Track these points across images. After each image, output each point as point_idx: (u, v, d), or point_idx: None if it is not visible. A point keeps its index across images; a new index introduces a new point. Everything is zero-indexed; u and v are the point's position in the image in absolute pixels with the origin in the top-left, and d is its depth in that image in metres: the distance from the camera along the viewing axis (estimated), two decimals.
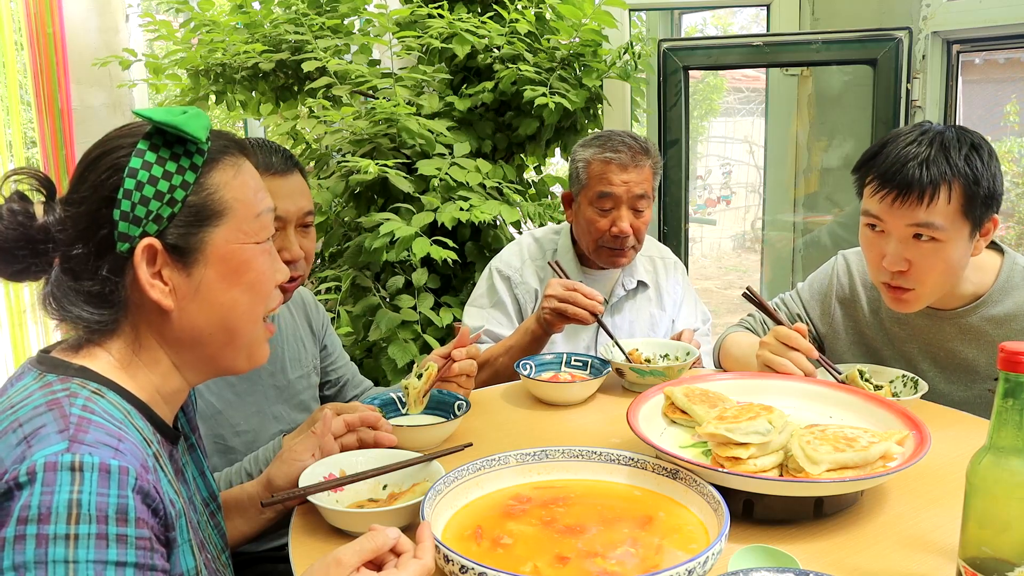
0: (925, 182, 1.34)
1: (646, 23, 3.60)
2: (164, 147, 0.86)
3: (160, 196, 0.85)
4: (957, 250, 1.40)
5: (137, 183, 0.84)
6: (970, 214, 1.37)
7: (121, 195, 0.84)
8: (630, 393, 1.61)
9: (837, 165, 3.01)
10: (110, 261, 0.85)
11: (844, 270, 1.70)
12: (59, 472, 0.73)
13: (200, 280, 0.89)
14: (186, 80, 3.14)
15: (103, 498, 0.74)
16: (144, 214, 0.85)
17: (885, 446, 1.09)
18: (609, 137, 1.89)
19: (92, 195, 0.85)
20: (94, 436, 0.77)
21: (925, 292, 1.44)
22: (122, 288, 0.86)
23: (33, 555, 0.71)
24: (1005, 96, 4.01)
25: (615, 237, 1.87)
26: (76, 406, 0.79)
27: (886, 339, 1.63)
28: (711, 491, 1.01)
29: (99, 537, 0.73)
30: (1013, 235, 4.27)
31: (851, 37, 2.56)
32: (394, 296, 2.61)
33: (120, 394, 0.85)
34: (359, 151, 2.69)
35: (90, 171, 0.86)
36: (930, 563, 0.98)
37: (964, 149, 1.36)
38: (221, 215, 0.89)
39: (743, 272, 7.94)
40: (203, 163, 0.89)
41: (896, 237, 1.41)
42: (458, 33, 2.73)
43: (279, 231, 1.41)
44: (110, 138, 0.89)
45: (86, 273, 0.85)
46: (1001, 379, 0.79)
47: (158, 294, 0.87)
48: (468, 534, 0.99)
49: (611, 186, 1.84)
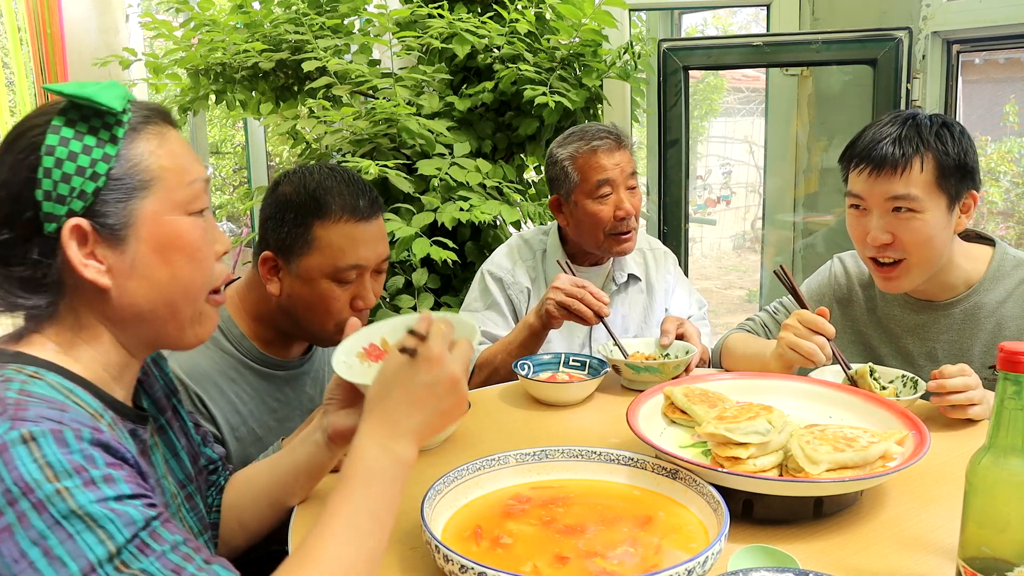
0: (898, 156, 1.43)
1: (646, 23, 3.61)
2: (81, 121, 0.84)
3: (82, 171, 0.83)
4: (937, 221, 1.45)
5: (56, 160, 0.82)
6: (944, 185, 1.44)
7: (41, 174, 0.82)
8: (629, 393, 1.61)
9: (837, 165, 3.01)
10: (39, 244, 0.83)
11: (841, 271, 1.74)
12: (13, 448, 0.72)
13: (134, 256, 0.86)
14: (186, 80, 3.14)
15: (67, 455, 0.73)
16: (67, 191, 0.82)
17: (885, 446, 1.09)
18: (584, 130, 1.91)
19: (12, 178, 0.82)
20: (35, 412, 0.75)
21: (912, 265, 1.48)
22: (55, 271, 0.84)
23: (42, 522, 0.71)
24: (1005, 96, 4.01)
25: (621, 220, 1.87)
26: (12, 390, 0.78)
27: (883, 336, 1.64)
28: (711, 491, 1.01)
29: (86, 483, 0.73)
30: (1013, 235, 4.27)
31: (851, 37, 2.57)
32: (394, 296, 2.61)
33: (60, 374, 0.83)
34: (359, 151, 2.69)
35: (7, 154, 0.84)
36: (930, 563, 0.98)
37: (935, 127, 1.45)
38: (147, 185, 0.86)
39: (743, 272, 7.94)
40: (124, 134, 0.86)
41: (877, 212, 1.47)
42: (458, 33, 2.73)
43: (357, 278, 1.37)
44: (25, 119, 0.86)
45: (15, 259, 0.83)
46: (1001, 379, 0.79)
47: (93, 273, 0.84)
48: (468, 534, 0.99)
49: (606, 171, 1.86)
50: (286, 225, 1.35)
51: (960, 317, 1.55)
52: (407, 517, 1.10)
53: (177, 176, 0.89)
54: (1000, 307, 1.53)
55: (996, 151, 4.30)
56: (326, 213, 1.34)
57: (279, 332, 1.45)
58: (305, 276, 1.36)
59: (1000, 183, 4.29)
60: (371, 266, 1.39)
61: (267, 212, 1.39)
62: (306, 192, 1.35)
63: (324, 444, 1.10)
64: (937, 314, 1.57)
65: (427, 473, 1.21)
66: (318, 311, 1.37)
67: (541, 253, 2.02)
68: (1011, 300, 1.52)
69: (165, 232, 0.88)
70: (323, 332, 1.40)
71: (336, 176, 1.38)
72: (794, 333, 1.47)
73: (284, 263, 1.37)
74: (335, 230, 1.34)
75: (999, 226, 4.29)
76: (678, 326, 1.73)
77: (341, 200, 1.35)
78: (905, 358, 1.62)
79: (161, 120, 0.90)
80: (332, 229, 1.34)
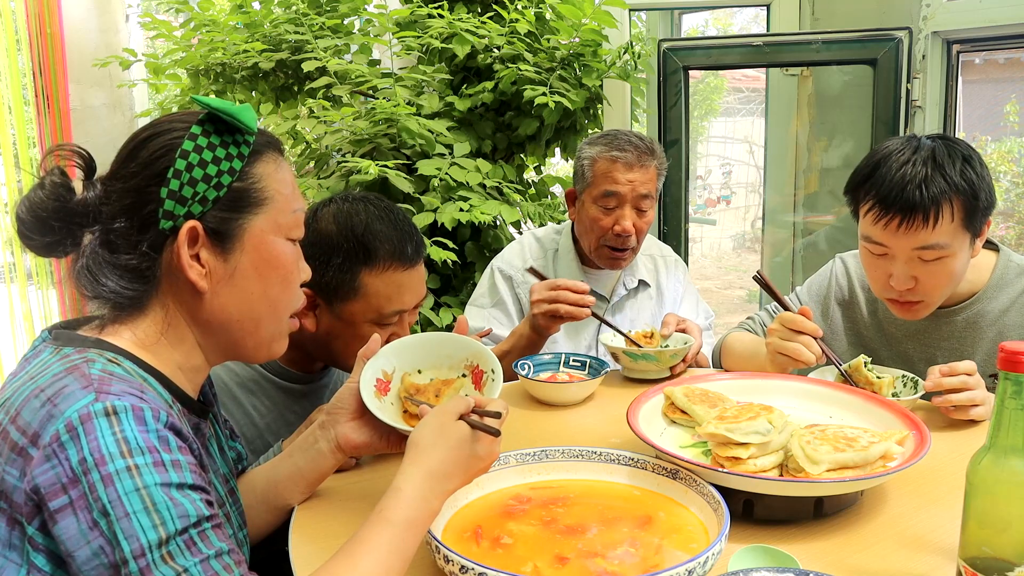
0: (928, 204, 1.34)
1: (646, 23, 3.60)
2: (216, 133, 0.90)
3: (208, 179, 0.89)
4: (960, 260, 1.42)
5: (188, 164, 0.88)
6: (971, 226, 1.39)
7: (171, 174, 0.87)
8: (629, 393, 1.61)
9: (837, 165, 3.01)
10: (151, 237, 0.88)
11: (842, 272, 1.72)
12: (96, 420, 0.76)
13: (236, 266, 0.92)
14: (186, 80, 3.14)
15: (144, 433, 0.77)
16: (191, 195, 0.88)
17: (885, 446, 1.09)
18: (616, 136, 1.89)
19: (142, 171, 0.88)
20: (118, 387, 0.80)
21: (933, 301, 1.47)
22: (158, 265, 0.89)
23: (106, 495, 0.74)
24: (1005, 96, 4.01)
25: (617, 236, 1.86)
26: (95, 368, 0.82)
27: (884, 340, 1.63)
28: (711, 491, 1.01)
29: (156, 464, 0.77)
30: (1013, 235, 4.27)
31: (851, 37, 2.56)
32: None
33: (137, 363, 0.88)
34: (359, 151, 2.69)
35: (141, 149, 0.89)
36: (930, 563, 0.98)
37: (958, 163, 1.37)
38: (261, 204, 0.93)
39: (743, 272, 7.93)
40: (249, 153, 0.92)
41: (902, 259, 1.41)
42: (458, 33, 2.72)
43: (398, 321, 1.37)
44: (163, 120, 0.93)
45: (125, 247, 0.88)
46: (1001, 379, 0.79)
47: (195, 275, 0.90)
48: (468, 534, 0.99)
49: (616, 184, 1.84)
50: (331, 269, 1.33)
51: (962, 324, 1.54)
52: None
53: (286, 202, 0.96)
54: (1003, 316, 1.51)
55: (996, 151, 4.30)
56: (374, 261, 1.32)
57: (304, 352, 1.44)
58: (348, 319, 1.35)
59: (1000, 183, 4.29)
60: (408, 308, 1.39)
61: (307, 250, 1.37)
62: (354, 236, 1.33)
63: (329, 452, 1.13)
64: (939, 320, 1.55)
65: None
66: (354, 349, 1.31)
67: (553, 252, 2.02)
68: (1014, 309, 1.50)
69: (267, 250, 0.94)
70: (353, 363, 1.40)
71: (384, 219, 1.35)
72: (779, 336, 1.46)
73: (325, 303, 1.36)
74: (383, 278, 1.33)
75: (999, 226, 4.29)
76: (679, 321, 1.74)
77: (390, 247, 1.33)
78: (905, 362, 1.61)
79: (278, 150, 0.98)
80: (380, 277, 1.33)
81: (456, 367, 1.22)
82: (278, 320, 0.98)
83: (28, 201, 0.87)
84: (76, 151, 0.90)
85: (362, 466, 1.30)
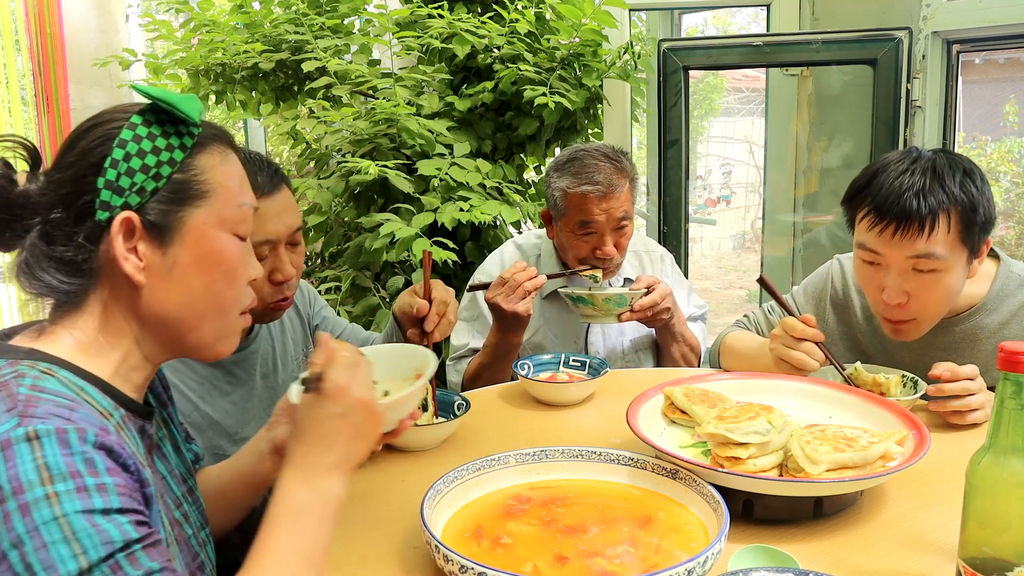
0: (924, 212, 1.32)
1: (646, 23, 3.60)
2: (157, 124, 0.88)
3: (146, 169, 0.86)
4: (956, 278, 1.39)
5: (126, 154, 0.85)
6: (968, 240, 1.36)
7: (108, 164, 0.85)
8: (630, 393, 1.61)
9: (837, 165, 3.01)
10: (87, 229, 0.85)
11: (839, 274, 1.70)
12: (16, 446, 0.73)
13: (174, 260, 0.89)
14: (186, 80, 3.14)
15: (68, 457, 0.74)
16: (128, 185, 0.85)
17: (885, 446, 1.09)
18: (583, 163, 1.82)
19: (79, 161, 0.86)
20: (44, 409, 0.76)
21: (924, 321, 1.44)
22: (95, 258, 0.86)
23: (23, 526, 0.71)
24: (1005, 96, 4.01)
25: (599, 259, 1.85)
26: (24, 386, 0.79)
27: (879, 345, 1.62)
28: (711, 491, 1.01)
29: (78, 490, 0.73)
30: (1013, 235, 4.27)
31: (851, 37, 2.56)
32: (394, 296, 2.61)
33: (73, 372, 0.85)
34: (359, 151, 2.69)
35: (80, 139, 0.87)
36: (930, 563, 0.98)
37: (958, 176, 1.35)
38: (203, 196, 0.90)
39: (743, 272, 7.93)
40: (192, 145, 0.89)
41: (895, 270, 1.39)
42: (458, 33, 2.72)
43: (271, 253, 1.37)
44: (106, 112, 0.90)
45: (61, 238, 0.85)
46: (1001, 379, 0.79)
47: (131, 268, 0.86)
48: (468, 534, 0.99)
49: (591, 216, 1.80)
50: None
51: (959, 336, 1.51)
52: (407, 517, 1.10)
53: (231, 195, 0.92)
54: (1002, 329, 1.48)
55: (996, 151, 4.30)
56: None
57: None
58: None
59: (1000, 183, 4.29)
60: (283, 239, 1.39)
61: None
62: None
63: (268, 454, 1.10)
64: (937, 330, 1.50)
65: (427, 473, 1.21)
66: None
67: (535, 258, 2.01)
68: (1014, 322, 1.47)
69: (209, 244, 0.90)
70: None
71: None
72: (782, 343, 1.45)
73: None
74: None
75: (999, 226, 4.29)
76: (651, 282, 1.79)
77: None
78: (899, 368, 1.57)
79: (225, 143, 0.94)
80: None
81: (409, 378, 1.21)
82: (223, 317, 0.94)
83: None
84: (20, 142, 0.88)
85: (362, 466, 1.29)
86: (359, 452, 0.91)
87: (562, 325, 1.97)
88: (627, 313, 1.75)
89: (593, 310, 1.74)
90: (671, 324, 1.86)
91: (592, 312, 1.76)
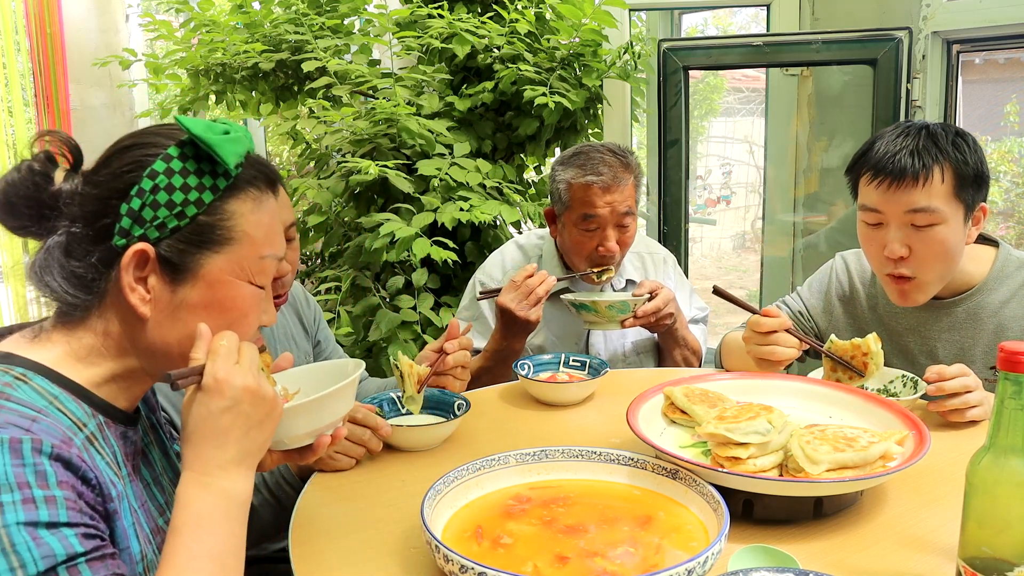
0: (918, 166, 1.41)
1: (646, 23, 3.60)
2: (193, 159, 0.85)
3: (171, 206, 0.85)
4: (954, 233, 1.45)
5: (154, 186, 0.84)
6: (962, 195, 1.43)
7: (135, 192, 0.84)
8: (630, 393, 1.61)
9: (837, 165, 3.01)
10: (102, 251, 0.85)
11: (843, 269, 1.76)
12: None
13: (183, 299, 0.87)
14: (186, 80, 3.14)
15: (19, 468, 0.73)
16: (150, 217, 0.84)
17: (885, 446, 1.09)
18: (588, 156, 1.83)
19: (109, 182, 0.85)
20: (3, 418, 0.75)
21: (928, 279, 1.48)
22: (105, 279, 0.86)
23: None
24: (1005, 96, 4.01)
25: (602, 256, 1.86)
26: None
27: (884, 334, 1.65)
28: (711, 491, 1.01)
29: (24, 501, 0.72)
30: (1013, 235, 4.27)
31: (851, 37, 2.56)
32: (394, 296, 2.61)
33: (50, 379, 0.83)
34: (359, 151, 2.69)
35: (116, 158, 0.86)
36: (930, 563, 0.98)
37: (950, 136, 1.45)
38: (225, 242, 0.88)
39: (743, 272, 7.93)
40: (226, 187, 0.87)
41: (895, 225, 1.46)
42: (458, 33, 2.73)
43: None
44: (147, 132, 0.89)
45: (77, 253, 0.85)
46: (1000, 379, 0.79)
47: (136, 300, 0.85)
48: (468, 534, 0.99)
49: (595, 208, 1.81)
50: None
51: (962, 316, 1.56)
52: (407, 517, 1.10)
53: (254, 246, 0.90)
54: (1003, 308, 1.54)
55: (996, 151, 4.30)
56: None
57: None
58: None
59: (1000, 183, 4.29)
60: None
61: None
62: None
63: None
64: (939, 312, 1.58)
65: (427, 473, 1.21)
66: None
67: (537, 259, 2.01)
68: (1014, 301, 1.53)
69: (222, 291, 0.89)
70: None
71: None
72: (755, 343, 1.49)
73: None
74: None
75: (999, 226, 4.28)
76: (654, 287, 1.79)
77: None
78: (906, 356, 1.63)
79: (266, 185, 0.92)
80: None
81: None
82: None
83: (3, 182, 0.84)
84: (65, 141, 0.87)
85: (362, 466, 1.30)
86: (257, 443, 0.86)
87: (564, 327, 1.97)
88: (630, 319, 1.75)
89: (596, 317, 1.75)
90: (674, 328, 1.87)
91: (595, 319, 1.76)
